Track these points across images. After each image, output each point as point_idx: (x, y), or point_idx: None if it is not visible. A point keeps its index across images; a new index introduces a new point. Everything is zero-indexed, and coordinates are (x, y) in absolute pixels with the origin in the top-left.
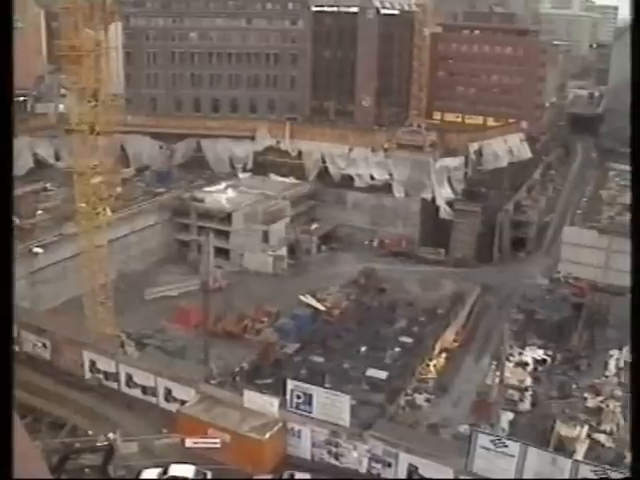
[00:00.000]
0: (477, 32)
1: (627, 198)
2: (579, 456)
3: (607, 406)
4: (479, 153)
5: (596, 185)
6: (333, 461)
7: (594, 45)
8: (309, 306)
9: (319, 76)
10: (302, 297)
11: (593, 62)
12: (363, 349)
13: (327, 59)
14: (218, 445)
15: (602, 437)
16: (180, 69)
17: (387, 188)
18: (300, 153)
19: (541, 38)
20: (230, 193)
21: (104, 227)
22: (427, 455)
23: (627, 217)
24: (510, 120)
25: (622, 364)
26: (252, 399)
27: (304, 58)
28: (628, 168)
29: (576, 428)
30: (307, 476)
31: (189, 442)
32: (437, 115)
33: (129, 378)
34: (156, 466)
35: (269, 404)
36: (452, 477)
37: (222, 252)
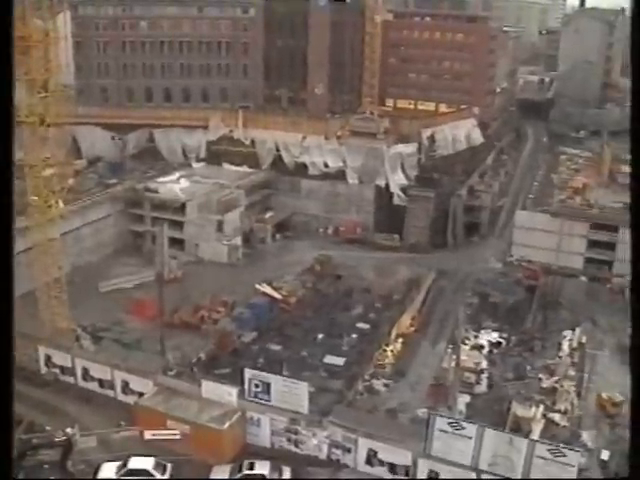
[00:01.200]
0: (428, 19)
1: (578, 182)
2: (535, 436)
3: (561, 386)
4: (432, 139)
5: (547, 169)
6: (293, 448)
7: (543, 31)
8: (265, 295)
9: (271, 64)
10: (258, 286)
11: (542, 48)
12: (320, 336)
13: (279, 47)
14: (177, 436)
15: (557, 416)
16: (131, 59)
17: (341, 175)
18: (254, 142)
19: (491, 24)
20: (184, 183)
21: (57, 220)
22: (386, 440)
23: (578, 200)
24: (462, 106)
25: (575, 345)
26: (210, 389)
27: (256, 46)
28: (578, 152)
29: (531, 408)
30: (267, 464)
31: (148, 434)
32: (390, 102)
33: (85, 372)
34: (115, 460)
35: (227, 394)
36: (410, 460)
37: (177, 242)
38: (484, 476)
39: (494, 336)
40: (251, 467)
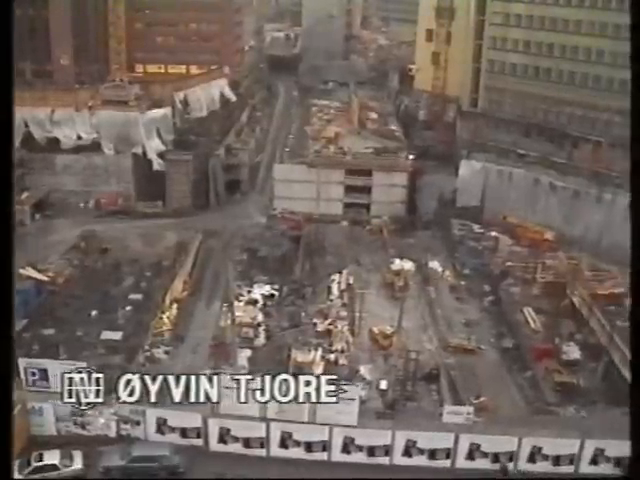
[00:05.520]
0: None
1: (330, 131)
2: None
3: (335, 327)
4: (185, 102)
5: (300, 122)
6: (81, 431)
7: None
8: (31, 279)
9: None
10: (22, 270)
11: (286, 5)
12: (94, 313)
13: (18, 17)
14: None
15: (333, 356)
16: None
17: (96, 147)
18: None
19: None
20: None
21: None
22: (174, 406)
23: (332, 149)
24: (212, 66)
25: (344, 286)
26: None
27: None
28: (328, 103)
29: (310, 353)
30: (56, 453)
31: None
32: (140, 67)
33: None
34: None
35: None
36: (201, 422)
37: None
38: (272, 424)
39: (266, 289)
40: (40, 458)
